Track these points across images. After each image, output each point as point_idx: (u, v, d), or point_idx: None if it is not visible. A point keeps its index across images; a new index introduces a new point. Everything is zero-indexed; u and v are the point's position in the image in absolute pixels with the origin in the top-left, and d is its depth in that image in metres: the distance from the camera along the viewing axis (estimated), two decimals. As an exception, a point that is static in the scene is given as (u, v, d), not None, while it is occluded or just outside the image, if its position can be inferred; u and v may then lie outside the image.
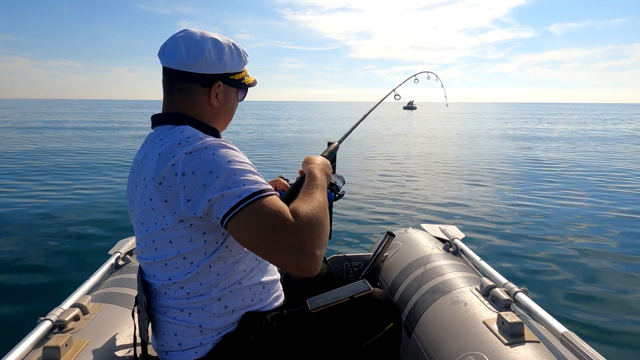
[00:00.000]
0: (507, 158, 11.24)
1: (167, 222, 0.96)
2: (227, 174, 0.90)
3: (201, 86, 1.07)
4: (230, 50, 1.10)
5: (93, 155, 11.14)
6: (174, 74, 1.07)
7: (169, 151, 0.96)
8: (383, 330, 1.14)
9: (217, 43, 1.08)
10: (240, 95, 1.19)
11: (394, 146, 14.17)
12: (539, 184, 7.52)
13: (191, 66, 1.05)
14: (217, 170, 0.91)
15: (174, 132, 1.02)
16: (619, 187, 7.31)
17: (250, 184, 0.91)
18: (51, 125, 23.61)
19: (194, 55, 1.04)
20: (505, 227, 4.95)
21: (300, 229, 0.88)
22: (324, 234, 0.93)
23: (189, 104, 1.08)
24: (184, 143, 0.96)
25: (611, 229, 4.90)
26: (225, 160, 0.92)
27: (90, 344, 1.23)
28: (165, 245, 1.00)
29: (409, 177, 8.27)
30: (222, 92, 1.11)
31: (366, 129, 22.88)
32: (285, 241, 0.87)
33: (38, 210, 5.54)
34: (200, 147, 0.94)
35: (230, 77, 1.11)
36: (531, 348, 1.17)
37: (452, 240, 1.98)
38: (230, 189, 0.89)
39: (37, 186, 7.08)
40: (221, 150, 0.94)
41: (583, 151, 12.86)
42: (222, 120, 1.16)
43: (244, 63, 1.15)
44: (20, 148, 12.60)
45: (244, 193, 0.89)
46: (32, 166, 9.20)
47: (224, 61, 1.08)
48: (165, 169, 0.94)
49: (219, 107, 1.11)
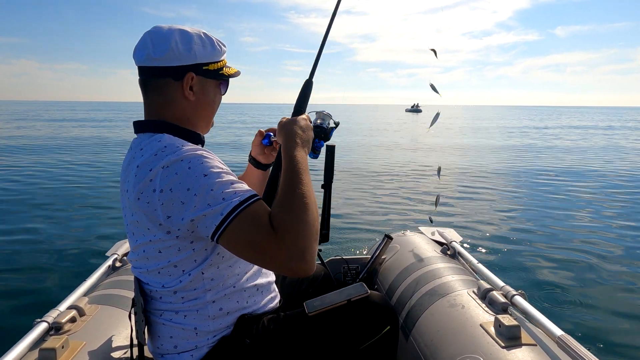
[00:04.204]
0: (507, 160, 11.27)
1: (153, 234, 0.96)
2: (205, 190, 0.87)
3: (173, 80, 1.03)
4: (201, 40, 1.04)
5: (93, 156, 11.12)
6: (145, 72, 1.04)
7: (146, 163, 0.94)
8: (380, 333, 1.14)
9: (185, 33, 1.03)
10: (222, 88, 1.14)
11: (394, 147, 14.18)
12: (537, 188, 7.53)
13: (159, 60, 1.01)
14: (195, 186, 0.88)
15: (153, 141, 0.99)
16: (618, 191, 7.33)
17: (230, 196, 0.88)
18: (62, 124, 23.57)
19: (160, 48, 1.00)
20: (503, 230, 4.95)
21: (287, 236, 0.85)
22: (313, 231, 0.88)
23: (165, 102, 1.04)
24: (161, 154, 0.93)
25: (609, 232, 4.91)
26: (201, 174, 0.89)
27: (87, 346, 1.23)
28: (155, 254, 0.99)
29: (408, 180, 8.27)
30: (198, 85, 1.05)
31: (366, 130, 22.92)
32: (275, 252, 0.85)
33: (37, 211, 5.53)
34: (175, 160, 0.91)
35: (203, 67, 1.05)
36: (528, 351, 1.17)
37: (450, 243, 1.99)
38: (211, 206, 0.87)
39: (37, 187, 7.06)
40: (197, 162, 0.91)
41: (584, 153, 12.90)
42: (203, 116, 1.11)
43: (220, 53, 1.09)
44: (19, 142, 12.57)
45: (225, 209, 0.86)
46: (31, 167, 9.18)
47: (194, 51, 1.02)
48: (143, 184, 0.92)
49: (196, 102, 1.06)
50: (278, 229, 0.85)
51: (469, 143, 16.67)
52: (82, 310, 1.38)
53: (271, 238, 0.85)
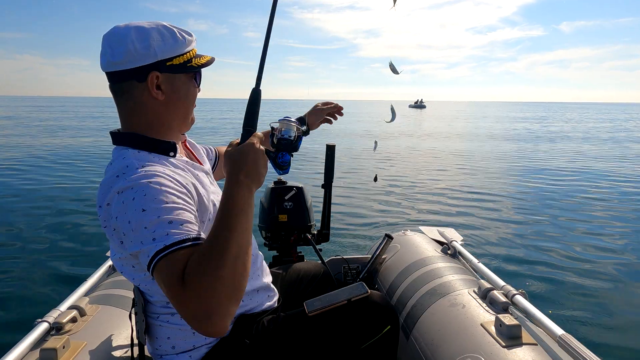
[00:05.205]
0: (506, 161, 11.26)
1: (120, 252, 0.94)
2: (140, 227, 0.82)
3: (137, 82, 0.96)
4: (160, 34, 0.96)
5: (94, 155, 11.13)
6: (110, 78, 0.99)
7: (106, 184, 0.91)
8: (380, 333, 1.14)
9: (141, 30, 0.95)
10: (197, 80, 1.06)
11: (393, 148, 14.17)
12: (538, 187, 7.52)
13: (119, 64, 0.95)
14: (133, 220, 0.83)
15: (119, 157, 0.96)
16: (619, 189, 7.32)
17: (161, 238, 0.80)
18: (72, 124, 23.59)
19: (118, 51, 0.94)
20: (504, 230, 4.95)
21: (191, 293, 0.75)
22: (228, 290, 0.76)
23: (135, 107, 0.99)
24: (121, 175, 0.89)
25: (610, 232, 4.90)
26: (140, 208, 0.83)
27: (88, 346, 1.23)
28: (131, 270, 0.97)
29: (408, 180, 8.27)
30: (165, 83, 0.98)
31: (367, 128, 22.87)
32: (180, 307, 0.76)
33: (37, 212, 5.53)
34: (126, 188, 0.86)
35: (167, 63, 0.97)
36: (529, 351, 1.17)
37: (451, 242, 1.98)
38: (143, 245, 0.81)
39: (36, 187, 7.07)
40: (141, 193, 0.84)
41: (584, 153, 12.88)
42: (178, 114, 1.04)
43: (184, 44, 1.00)
44: (20, 142, 12.58)
45: (151, 251, 0.80)
46: (33, 165, 9.19)
47: (152, 48, 0.95)
48: (105, 208, 0.90)
49: (167, 100, 1.00)
50: (186, 283, 0.76)
51: (469, 143, 16.66)
52: (82, 311, 1.38)
53: (179, 291, 0.76)
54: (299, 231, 2.05)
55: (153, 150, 0.99)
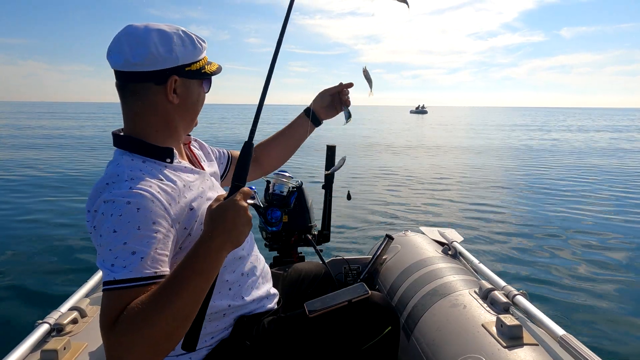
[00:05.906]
0: (506, 161, 11.25)
1: None
2: (106, 247, 0.82)
3: (155, 85, 0.96)
4: (181, 39, 0.98)
5: (95, 156, 11.14)
6: (124, 77, 0.97)
7: (97, 189, 0.90)
8: (381, 333, 1.14)
9: (164, 34, 0.96)
10: (205, 86, 1.07)
11: (393, 148, 14.17)
12: (538, 188, 7.52)
13: (138, 65, 0.94)
14: (104, 237, 0.82)
15: (113, 162, 0.96)
16: (621, 190, 7.31)
17: (117, 268, 0.79)
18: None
19: (139, 52, 0.93)
20: (504, 230, 4.95)
21: (115, 341, 0.74)
22: (151, 350, 0.75)
23: (144, 108, 0.98)
24: (111, 184, 0.89)
25: (611, 232, 4.90)
26: (111, 229, 0.81)
27: (89, 347, 1.23)
28: None
29: (409, 180, 8.27)
30: (181, 87, 0.99)
31: (368, 132, 22.89)
32: (107, 346, 0.75)
33: (37, 214, 5.54)
34: (110, 200, 0.85)
35: (186, 69, 0.99)
36: (530, 351, 1.17)
37: (451, 243, 1.98)
38: (104, 265, 0.81)
39: (37, 188, 7.08)
40: (117, 212, 0.83)
41: (584, 155, 12.88)
42: (187, 117, 1.06)
43: (201, 51, 1.02)
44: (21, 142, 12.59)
45: (105, 277, 0.80)
46: (32, 164, 9.20)
47: (175, 53, 0.96)
48: (91, 212, 0.89)
49: (180, 104, 1.01)
50: (115, 328, 0.74)
51: (471, 144, 16.65)
52: (83, 312, 1.38)
53: (107, 330, 0.75)
54: (299, 232, 2.05)
55: (150, 156, 0.98)
